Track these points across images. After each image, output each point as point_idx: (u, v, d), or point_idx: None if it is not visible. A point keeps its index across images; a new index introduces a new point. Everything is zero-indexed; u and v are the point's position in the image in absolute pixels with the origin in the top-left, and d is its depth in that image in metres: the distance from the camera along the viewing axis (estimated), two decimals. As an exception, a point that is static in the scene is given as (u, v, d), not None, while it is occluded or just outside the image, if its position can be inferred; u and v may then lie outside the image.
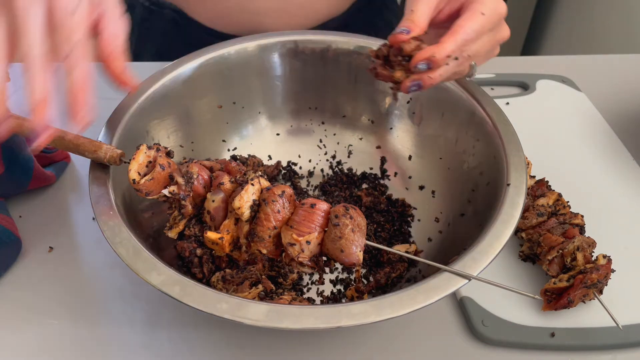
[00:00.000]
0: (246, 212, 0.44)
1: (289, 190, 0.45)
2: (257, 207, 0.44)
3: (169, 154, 0.48)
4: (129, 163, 0.45)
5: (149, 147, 0.46)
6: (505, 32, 0.51)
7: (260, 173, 0.46)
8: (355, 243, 0.43)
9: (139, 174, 0.45)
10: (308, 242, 0.43)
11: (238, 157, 0.64)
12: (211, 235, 0.45)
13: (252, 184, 0.45)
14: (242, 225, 0.45)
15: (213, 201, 0.46)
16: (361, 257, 0.43)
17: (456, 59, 0.47)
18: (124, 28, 0.44)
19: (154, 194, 0.46)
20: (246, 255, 0.46)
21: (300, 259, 0.44)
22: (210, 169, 0.48)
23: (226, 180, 0.46)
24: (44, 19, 0.39)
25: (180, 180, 0.45)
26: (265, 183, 0.46)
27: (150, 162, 0.46)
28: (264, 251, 0.44)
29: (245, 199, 0.44)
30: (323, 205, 0.44)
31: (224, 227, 0.45)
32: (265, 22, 0.76)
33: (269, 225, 0.44)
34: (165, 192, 0.46)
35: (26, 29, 0.39)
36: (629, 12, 1.40)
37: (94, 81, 0.40)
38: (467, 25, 0.47)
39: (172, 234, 0.47)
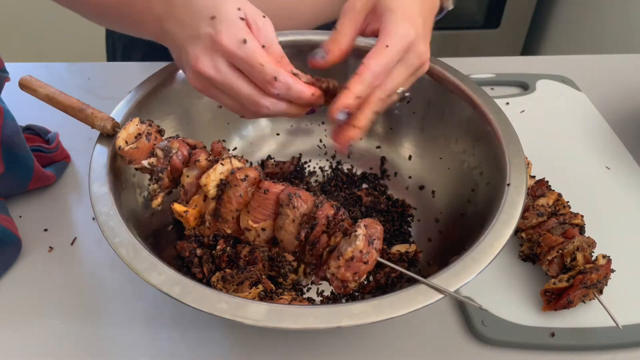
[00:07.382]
0: (212, 190, 0.45)
1: (253, 174, 0.45)
2: (224, 187, 0.45)
3: (160, 132, 0.50)
4: None
5: (142, 122, 0.49)
6: (420, 57, 0.48)
7: (233, 154, 0.48)
8: (293, 234, 0.43)
9: (127, 142, 0.47)
10: (263, 229, 0.44)
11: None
12: (177, 207, 0.46)
13: (222, 164, 0.45)
14: (209, 202, 0.46)
15: (188, 176, 0.46)
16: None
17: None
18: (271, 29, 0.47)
19: (136, 162, 0.48)
20: (209, 231, 0.47)
21: (256, 243, 0.45)
22: (194, 147, 0.49)
23: (202, 158, 0.46)
24: (232, 67, 0.45)
25: (159, 153, 0.47)
26: (236, 164, 0.46)
27: (139, 134, 0.48)
28: (228, 231, 0.46)
29: (212, 178, 0.45)
30: (275, 189, 0.44)
31: (193, 201, 0.46)
32: None
33: (231, 208, 0.45)
34: (145, 162, 0.47)
35: (233, 89, 0.45)
36: (629, 12, 1.40)
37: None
38: (371, 63, 0.46)
39: (154, 204, 0.48)
